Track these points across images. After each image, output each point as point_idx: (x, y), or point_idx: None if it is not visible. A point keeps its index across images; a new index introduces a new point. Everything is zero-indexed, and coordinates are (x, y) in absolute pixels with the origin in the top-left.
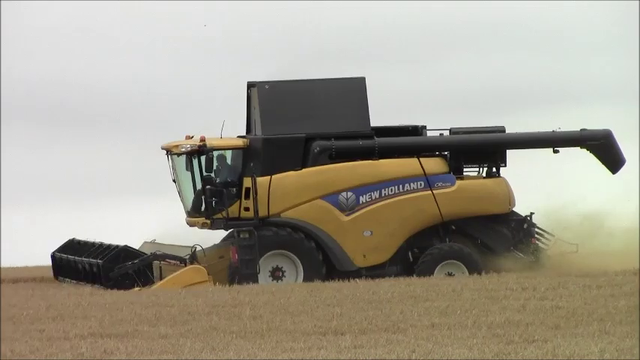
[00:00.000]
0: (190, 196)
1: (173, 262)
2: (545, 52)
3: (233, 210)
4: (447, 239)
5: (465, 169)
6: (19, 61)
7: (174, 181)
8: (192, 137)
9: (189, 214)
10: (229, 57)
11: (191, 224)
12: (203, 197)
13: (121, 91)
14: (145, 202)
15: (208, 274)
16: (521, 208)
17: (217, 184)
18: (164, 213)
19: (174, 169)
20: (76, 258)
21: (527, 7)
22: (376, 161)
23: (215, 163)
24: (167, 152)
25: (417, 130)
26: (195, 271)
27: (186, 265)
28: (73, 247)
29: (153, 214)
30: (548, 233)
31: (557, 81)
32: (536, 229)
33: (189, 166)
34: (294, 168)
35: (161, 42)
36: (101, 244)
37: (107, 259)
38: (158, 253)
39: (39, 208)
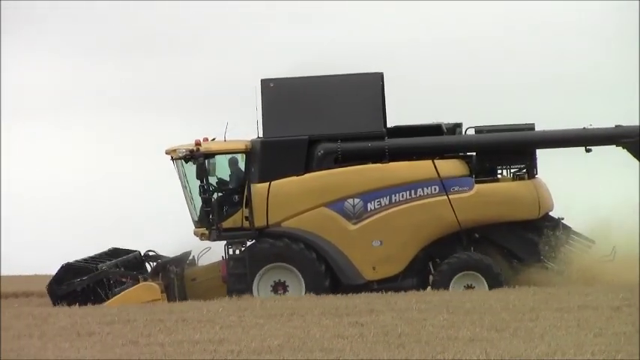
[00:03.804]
0: (193, 205)
1: (124, 279)
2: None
3: (236, 219)
4: (472, 248)
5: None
6: None
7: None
8: (214, 139)
9: (195, 224)
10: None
11: (196, 235)
12: (201, 206)
13: None
14: None
15: (162, 292)
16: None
17: (218, 191)
18: None
19: (178, 175)
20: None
21: None
22: (386, 164)
23: (217, 169)
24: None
25: (439, 130)
26: (147, 289)
27: (138, 282)
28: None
29: None
30: (586, 239)
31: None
32: (572, 235)
33: (182, 171)
34: (297, 173)
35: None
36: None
37: (53, 278)
38: (109, 269)
39: None
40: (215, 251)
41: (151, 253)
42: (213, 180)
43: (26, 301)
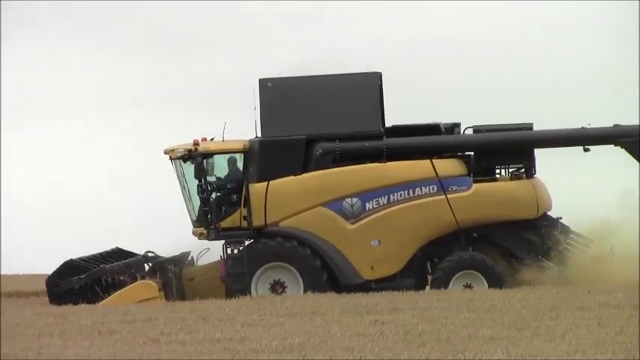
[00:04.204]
0: (192, 205)
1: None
2: None
3: (234, 219)
4: (470, 248)
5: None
6: None
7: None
8: (213, 139)
9: (194, 224)
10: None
11: (195, 234)
12: (199, 206)
13: None
14: None
15: (159, 290)
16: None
17: (216, 190)
18: None
19: (177, 175)
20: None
21: None
22: (384, 164)
23: (215, 168)
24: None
25: (438, 129)
26: (144, 287)
27: (136, 280)
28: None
29: None
30: (585, 238)
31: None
32: (571, 235)
33: (181, 171)
34: (295, 172)
35: None
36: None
37: (53, 273)
38: (107, 266)
39: None
40: (214, 252)
41: (150, 254)
42: (211, 180)
43: (27, 301)
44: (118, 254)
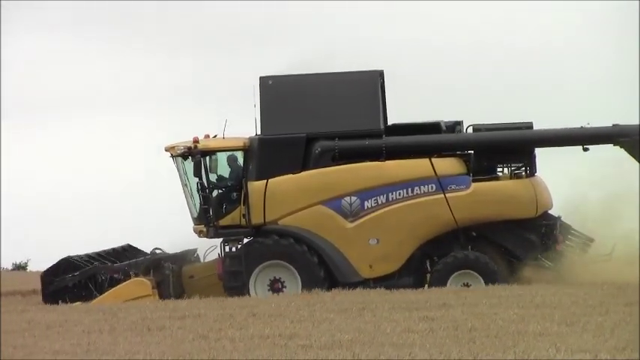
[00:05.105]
0: (193, 202)
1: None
2: None
3: (234, 217)
4: (470, 247)
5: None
6: None
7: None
8: (215, 136)
9: (194, 221)
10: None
11: (195, 232)
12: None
13: None
14: None
15: (153, 288)
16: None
17: (216, 188)
18: None
19: (178, 172)
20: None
21: None
22: (382, 163)
23: (215, 166)
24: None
25: (438, 128)
26: (138, 285)
27: (130, 278)
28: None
29: None
30: (585, 237)
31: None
32: (571, 233)
33: (182, 169)
34: (294, 171)
35: None
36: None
37: (47, 270)
38: (100, 264)
39: None
40: None
41: (158, 251)
42: (212, 177)
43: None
44: (128, 251)
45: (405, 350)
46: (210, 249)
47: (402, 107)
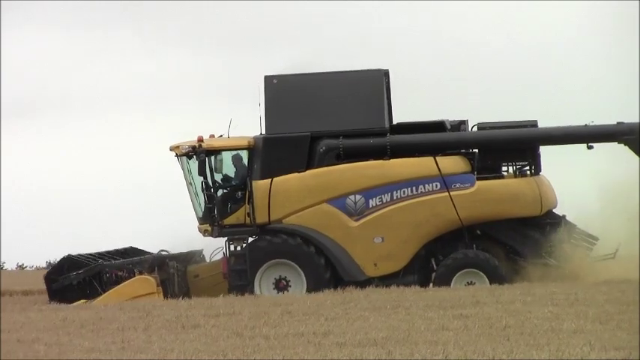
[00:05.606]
0: (197, 201)
1: (120, 272)
2: None
3: (239, 216)
4: (474, 245)
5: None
6: None
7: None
8: (221, 136)
9: (199, 220)
10: None
11: (200, 231)
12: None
13: None
14: None
15: (157, 286)
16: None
17: (221, 187)
18: None
19: (182, 171)
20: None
21: None
22: (387, 161)
23: (220, 165)
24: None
25: (443, 127)
26: (142, 282)
27: (134, 276)
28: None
29: None
30: (590, 236)
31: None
32: (576, 232)
33: (187, 168)
34: (298, 169)
35: None
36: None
37: (51, 269)
38: (105, 262)
39: None
40: None
41: (163, 252)
42: (217, 176)
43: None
44: (130, 253)
45: (439, 348)
46: (215, 251)
47: (407, 106)
